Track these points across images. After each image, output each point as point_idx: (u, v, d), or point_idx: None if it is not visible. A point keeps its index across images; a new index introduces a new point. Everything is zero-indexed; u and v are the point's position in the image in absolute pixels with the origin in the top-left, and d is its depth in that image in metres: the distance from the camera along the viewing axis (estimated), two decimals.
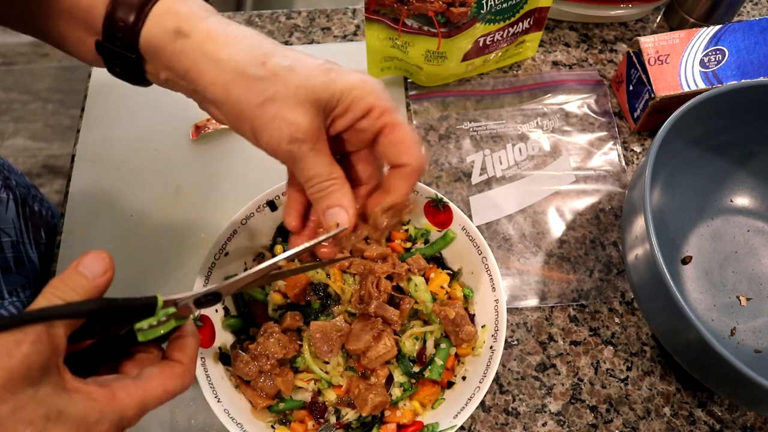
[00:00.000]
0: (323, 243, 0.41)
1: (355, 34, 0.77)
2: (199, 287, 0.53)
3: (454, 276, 0.58)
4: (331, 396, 0.53)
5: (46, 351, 0.31)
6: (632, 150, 0.70)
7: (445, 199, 0.56)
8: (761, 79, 0.64)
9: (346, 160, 0.43)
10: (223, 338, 0.54)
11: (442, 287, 0.57)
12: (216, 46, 0.37)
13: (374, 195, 0.42)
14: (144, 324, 0.36)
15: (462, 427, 0.57)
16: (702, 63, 0.64)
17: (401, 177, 0.40)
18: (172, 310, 0.37)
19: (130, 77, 0.41)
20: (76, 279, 0.34)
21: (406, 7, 0.60)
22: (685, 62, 0.64)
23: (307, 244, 0.40)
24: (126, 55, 0.39)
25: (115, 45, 0.38)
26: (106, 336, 0.36)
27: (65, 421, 0.31)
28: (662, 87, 0.64)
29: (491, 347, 0.52)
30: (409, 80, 0.73)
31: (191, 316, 0.39)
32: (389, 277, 0.55)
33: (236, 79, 0.36)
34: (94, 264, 0.34)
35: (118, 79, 0.42)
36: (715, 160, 0.64)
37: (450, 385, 0.54)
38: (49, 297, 0.33)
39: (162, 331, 0.37)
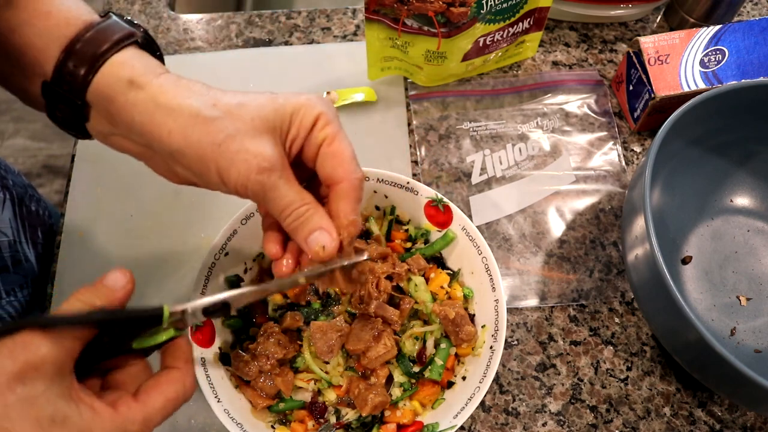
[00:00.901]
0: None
1: (355, 34, 0.77)
2: (199, 288, 0.53)
3: (454, 276, 0.58)
4: (331, 396, 0.53)
5: (62, 354, 0.31)
6: (632, 150, 0.70)
7: (445, 199, 0.56)
8: (761, 79, 0.64)
9: (309, 187, 0.43)
10: (223, 338, 0.54)
11: (442, 287, 0.57)
12: (168, 97, 0.37)
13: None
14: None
15: (462, 427, 0.57)
16: (702, 63, 0.64)
17: (338, 198, 0.40)
18: (172, 331, 0.38)
19: (70, 126, 0.42)
20: (101, 290, 0.35)
21: (406, 7, 0.60)
22: (685, 62, 0.64)
23: (325, 268, 0.41)
24: (72, 100, 0.39)
25: (62, 89, 0.39)
26: (112, 345, 0.36)
27: (69, 428, 0.31)
28: (662, 87, 0.64)
29: (491, 347, 0.52)
30: (409, 80, 0.73)
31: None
32: (389, 277, 0.55)
33: (193, 123, 0.37)
34: (117, 277, 0.36)
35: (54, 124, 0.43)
36: (715, 160, 0.64)
37: (450, 385, 0.54)
38: (73, 301, 0.34)
39: (163, 338, 0.37)
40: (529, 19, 0.68)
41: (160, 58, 0.42)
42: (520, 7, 0.65)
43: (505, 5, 0.63)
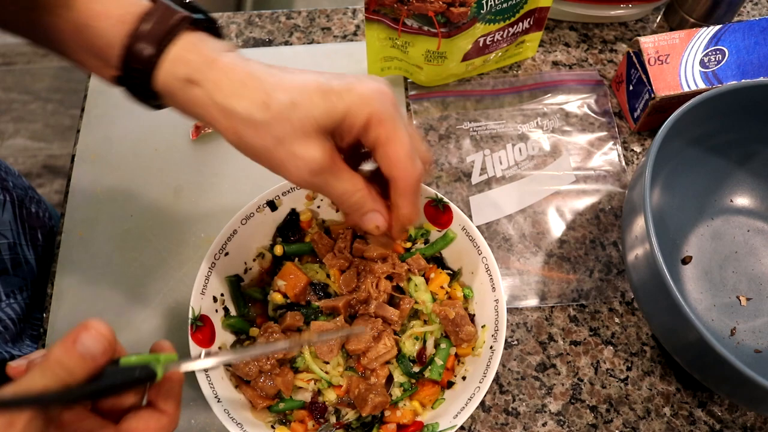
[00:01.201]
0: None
1: (355, 34, 0.77)
2: (199, 288, 0.53)
3: (454, 276, 0.58)
4: (331, 396, 0.53)
5: (41, 425, 0.31)
6: (632, 150, 0.70)
7: (445, 199, 0.56)
8: (761, 79, 0.64)
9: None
10: (223, 338, 0.54)
11: (442, 287, 0.57)
12: (222, 95, 0.38)
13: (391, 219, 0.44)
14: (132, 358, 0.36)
15: (462, 427, 0.57)
16: (702, 63, 0.64)
17: (396, 194, 0.42)
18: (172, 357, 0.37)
19: (153, 107, 0.43)
20: (74, 360, 0.32)
21: (406, 7, 0.60)
22: (685, 62, 0.64)
23: (326, 337, 0.46)
24: (143, 92, 0.40)
25: (131, 82, 0.40)
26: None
27: None
28: (662, 87, 0.64)
29: (491, 347, 0.52)
30: (409, 80, 0.73)
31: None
32: (389, 277, 0.55)
33: (245, 126, 0.38)
34: (93, 345, 0.33)
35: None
36: (715, 160, 0.64)
37: (450, 385, 0.54)
38: (47, 375, 0.32)
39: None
40: (529, 19, 0.68)
41: (219, 34, 0.41)
42: (520, 7, 0.65)
43: (505, 5, 0.63)
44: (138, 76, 0.39)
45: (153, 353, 0.38)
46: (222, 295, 0.55)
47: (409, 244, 0.60)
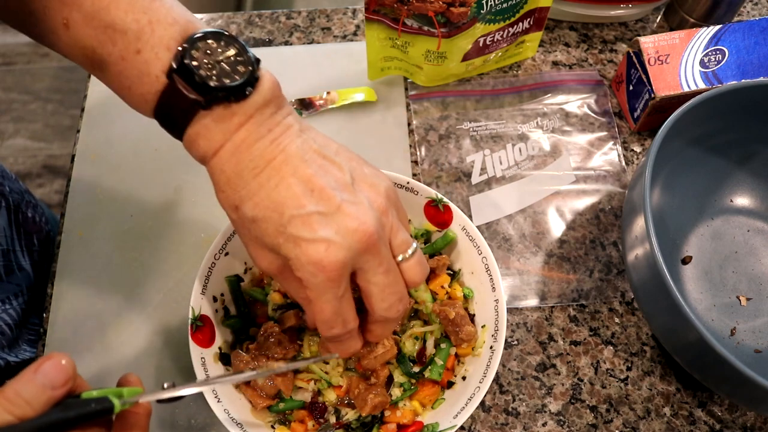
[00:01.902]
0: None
1: (355, 34, 0.77)
2: (199, 288, 0.53)
3: (454, 276, 0.58)
4: (331, 396, 0.53)
5: None
6: (632, 150, 0.70)
7: (445, 199, 0.56)
8: (761, 79, 0.64)
9: None
10: (223, 338, 0.54)
11: (442, 287, 0.57)
12: (215, 184, 0.41)
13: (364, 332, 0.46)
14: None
15: (462, 427, 0.57)
16: (702, 63, 0.64)
17: (372, 323, 0.45)
18: (127, 406, 0.36)
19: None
20: (33, 390, 0.32)
21: (406, 7, 0.60)
22: (685, 62, 0.64)
23: (288, 366, 0.48)
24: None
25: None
26: None
27: None
28: (662, 87, 0.64)
29: (491, 347, 0.52)
30: (409, 80, 0.73)
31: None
32: None
33: (227, 214, 0.42)
34: (54, 374, 0.33)
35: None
36: (715, 160, 0.64)
37: (450, 385, 0.54)
38: (4, 407, 0.31)
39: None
40: (529, 19, 0.68)
41: (235, 91, 0.40)
42: (520, 7, 0.65)
43: (505, 5, 0.63)
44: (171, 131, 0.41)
45: (119, 386, 0.38)
46: (222, 295, 0.55)
47: None
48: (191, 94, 0.37)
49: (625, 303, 0.62)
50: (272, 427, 0.52)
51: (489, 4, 0.62)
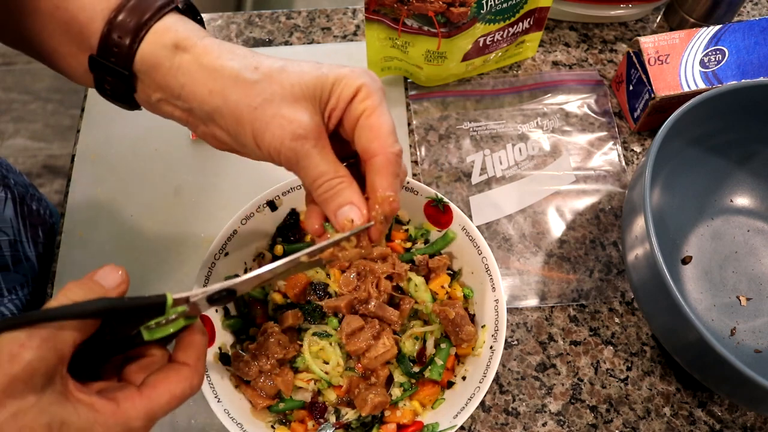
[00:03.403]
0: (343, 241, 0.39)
1: (355, 34, 0.77)
2: (199, 288, 0.53)
3: (454, 276, 0.58)
4: (331, 396, 0.53)
5: (51, 357, 0.30)
6: (632, 150, 0.70)
7: (445, 199, 0.56)
8: (761, 79, 0.64)
9: (350, 167, 0.42)
10: (223, 338, 0.54)
11: (442, 287, 0.57)
12: (211, 58, 0.38)
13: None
14: (151, 323, 0.35)
15: (462, 427, 0.57)
16: (702, 63, 0.64)
17: (374, 172, 0.38)
18: (182, 308, 0.36)
19: (119, 98, 0.41)
20: (90, 285, 0.34)
21: (406, 7, 0.60)
22: (685, 62, 0.64)
23: (328, 241, 0.39)
24: (120, 71, 0.39)
25: (109, 61, 0.38)
26: (115, 339, 0.35)
27: (69, 431, 0.30)
28: (662, 87, 0.64)
29: (491, 347, 0.52)
30: (409, 80, 0.73)
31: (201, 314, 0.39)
32: (389, 277, 0.55)
33: (233, 84, 0.37)
34: (109, 275, 0.36)
35: (105, 99, 0.42)
36: (715, 160, 0.64)
37: (450, 385, 0.54)
38: (61, 298, 0.32)
39: (171, 330, 0.36)
40: (529, 19, 0.68)
41: (201, 23, 0.42)
42: (520, 7, 0.65)
43: (505, 5, 0.63)
44: (118, 51, 0.38)
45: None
46: None
47: (409, 244, 0.60)
48: None
49: (625, 303, 0.62)
50: (272, 427, 0.52)
51: (489, 4, 0.62)
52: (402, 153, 0.39)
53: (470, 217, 0.65)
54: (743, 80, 0.64)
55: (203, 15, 0.78)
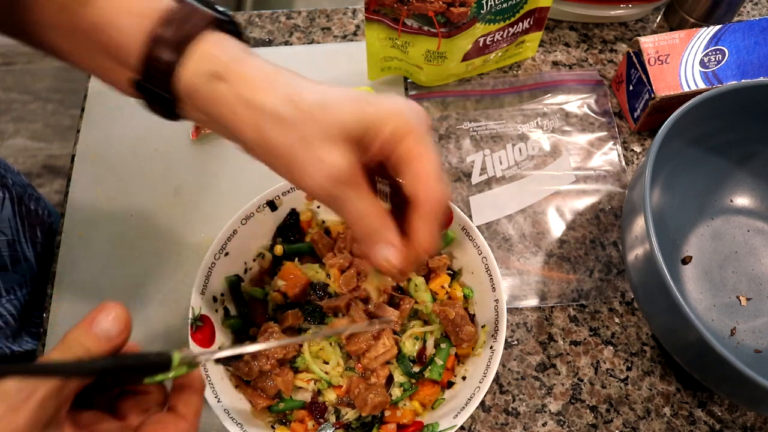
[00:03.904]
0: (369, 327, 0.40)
1: (355, 34, 0.77)
2: (199, 288, 0.53)
3: (454, 276, 0.58)
4: (331, 396, 0.53)
5: (54, 407, 0.30)
6: (632, 150, 0.70)
7: None
8: (761, 79, 0.64)
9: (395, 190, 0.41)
10: (223, 338, 0.54)
11: (442, 287, 0.57)
12: (248, 90, 0.36)
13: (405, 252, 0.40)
14: (155, 378, 0.35)
15: (462, 427, 0.57)
16: (702, 63, 0.64)
17: (416, 218, 0.37)
18: (186, 362, 0.36)
19: (166, 116, 0.41)
20: (91, 339, 0.33)
21: (406, 7, 0.60)
22: (685, 62, 0.64)
23: (351, 328, 0.41)
24: (160, 94, 0.38)
25: (150, 83, 0.38)
26: (117, 386, 0.35)
27: None
28: (662, 87, 0.64)
29: (491, 347, 0.52)
30: (409, 80, 0.73)
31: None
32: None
33: (269, 121, 0.36)
34: (110, 325, 0.34)
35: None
36: (715, 160, 0.64)
37: (450, 385, 0.54)
38: (64, 350, 0.32)
39: (172, 376, 0.36)
40: (529, 19, 0.68)
41: (238, 35, 0.40)
42: (520, 7, 0.65)
43: (505, 5, 0.63)
44: (159, 76, 0.37)
45: None
46: (222, 295, 0.55)
47: None
48: (208, 12, 0.37)
49: (625, 303, 0.62)
50: (272, 427, 0.52)
51: (489, 4, 0.62)
52: (448, 196, 0.38)
53: (470, 217, 0.65)
54: (743, 80, 0.64)
55: None
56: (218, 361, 0.37)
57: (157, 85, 0.38)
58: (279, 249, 0.58)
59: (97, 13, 0.37)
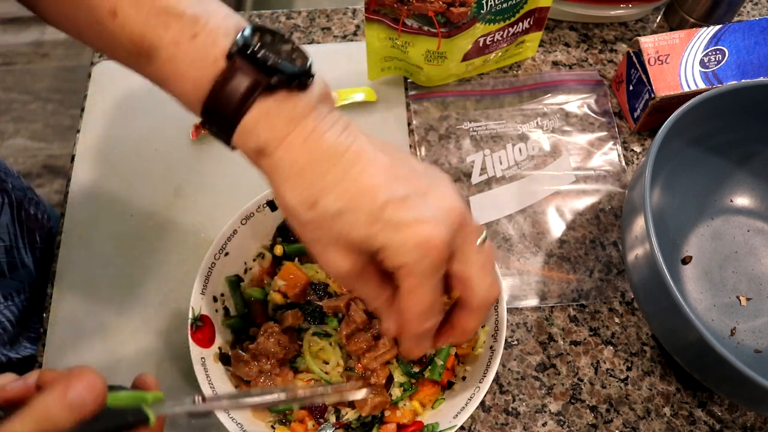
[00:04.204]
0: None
1: (355, 34, 0.77)
2: (199, 288, 0.53)
3: None
4: None
5: None
6: (632, 150, 0.70)
7: None
8: (761, 79, 0.64)
9: None
10: (223, 338, 0.54)
11: None
12: (279, 179, 0.37)
13: (442, 332, 0.42)
14: None
15: (462, 427, 0.57)
16: (702, 63, 0.64)
17: (462, 310, 0.41)
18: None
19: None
20: (62, 410, 0.31)
21: (406, 7, 0.60)
22: (685, 62, 0.64)
23: (320, 395, 0.42)
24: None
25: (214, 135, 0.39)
26: None
27: None
28: (662, 87, 0.64)
29: (491, 347, 0.52)
30: (409, 80, 0.73)
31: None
32: None
33: (290, 214, 0.38)
34: (85, 394, 0.32)
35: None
36: (715, 160, 0.64)
37: (450, 385, 0.54)
38: (29, 423, 0.31)
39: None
40: (529, 19, 0.68)
41: (305, 84, 0.38)
42: (520, 7, 0.65)
43: (505, 5, 0.63)
44: (218, 136, 0.39)
45: (136, 389, 0.37)
46: (222, 295, 0.55)
47: None
48: (255, 75, 0.35)
49: (625, 303, 0.62)
50: (272, 427, 0.52)
51: (489, 4, 0.62)
52: (496, 295, 0.41)
53: None
54: (743, 80, 0.64)
55: None
56: (192, 415, 0.37)
57: (219, 138, 0.39)
58: (279, 249, 0.58)
59: (159, 71, 0.38)
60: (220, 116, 0.37)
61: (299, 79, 0.37)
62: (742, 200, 0.65)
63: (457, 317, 0.41)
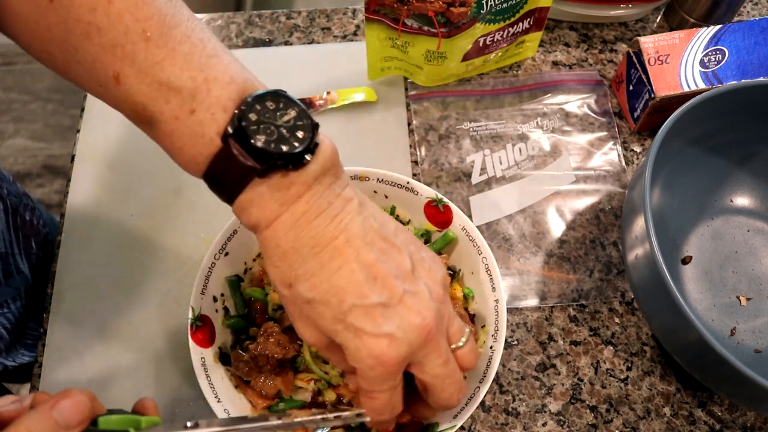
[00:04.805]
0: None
1: (355, 34, 0.77)
2: (199, 288, 0.53)
3: (454, 276, 0.58)
4: (331, 396, 0.53)
5: None
6: (632, 150, 0.70)
7: (445, 199, 0.56)
8: (761, 79, 0.64)
9: None
10: (223, 338, 0.54)
11: None
12: (266, 256, 0.39)
13: (418, 406, 0.46)
14: None
15: (462, 427, 0.57)
16: (702, 63, 0.64)
17: (424, 405, 0.45)
18: None
19: None
20: (46, 429, 0.31)
21: (406, 7, 0.60)
22: (685, 62, 0.64)
23: (319, 416, 0.43)
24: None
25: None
26: None
27: None
28: (662, 87, 0.64)
29: (491, 347, 0.52)
30: (409, 80, 0.73)
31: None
32: None
33: (273, 285, 0.42)
34: (69, 413, 0.32)
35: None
36: (715, 160, 0.64)
37: None
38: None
39: None
40: (529, 19, 0.68)
41: (300, 162, 0.37)
42: (520, 7, 0.65)
43: (505, 5, 0.63)
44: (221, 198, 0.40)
45: (136, 413, 0.37)
46: (222, 295, 0.55)
47: None
48: (247, 161, 0.35)
49: (625, 303, 0.62)
50: None
51: (489, 4, 0.62)
52: (389, 422, 0.44)
53: (470, 217, 0.65)
54: (743, 80, 0.64)
55: (203, 15, 0.78)
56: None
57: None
58: None
59: (160, 141, 0.40)
60: (217, 191, 0.38)
61: (296, 159, 0.37)
62: (742, 200, 0.65)
63: (419, 405, 0.46)
